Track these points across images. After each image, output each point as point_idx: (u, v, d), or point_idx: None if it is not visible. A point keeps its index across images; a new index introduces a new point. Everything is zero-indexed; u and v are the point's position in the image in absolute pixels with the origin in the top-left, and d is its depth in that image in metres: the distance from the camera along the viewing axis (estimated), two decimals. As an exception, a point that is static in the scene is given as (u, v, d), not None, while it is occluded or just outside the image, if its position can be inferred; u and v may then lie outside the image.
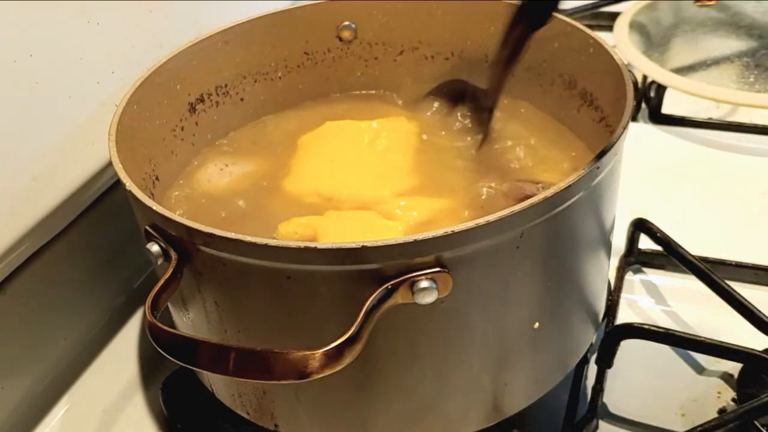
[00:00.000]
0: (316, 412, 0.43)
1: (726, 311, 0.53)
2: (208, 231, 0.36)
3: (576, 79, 0.54)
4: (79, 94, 0.52)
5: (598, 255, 0.45)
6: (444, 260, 0.35)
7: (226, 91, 0.59)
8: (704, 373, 0.53)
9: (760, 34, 0.85)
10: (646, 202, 0.66)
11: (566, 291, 0.43)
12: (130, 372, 0.57)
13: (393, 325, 0.37)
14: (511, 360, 0.42)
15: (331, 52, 0.63)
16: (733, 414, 0.46)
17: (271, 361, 0.33)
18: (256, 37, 0.59)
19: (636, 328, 0.50)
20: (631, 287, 0.61)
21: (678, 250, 0.57)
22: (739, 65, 0.81)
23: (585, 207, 0.40)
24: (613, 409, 0.51)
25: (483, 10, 0.58)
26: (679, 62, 0.82)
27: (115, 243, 0.60)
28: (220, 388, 0.47)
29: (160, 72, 0.52)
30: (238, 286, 0.39)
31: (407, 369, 0.40)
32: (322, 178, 0.53)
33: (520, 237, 0.37)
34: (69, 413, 0.55)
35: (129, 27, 0.56)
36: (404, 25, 0.61)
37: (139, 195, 0.40)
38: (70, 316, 0.57)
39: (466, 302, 0.38)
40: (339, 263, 0.35)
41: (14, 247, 0.48)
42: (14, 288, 0.51)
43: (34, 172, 0.48)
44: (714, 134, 0.77)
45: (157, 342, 0.35)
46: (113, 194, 0.58)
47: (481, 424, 0.44)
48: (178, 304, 0.44)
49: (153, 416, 0.54)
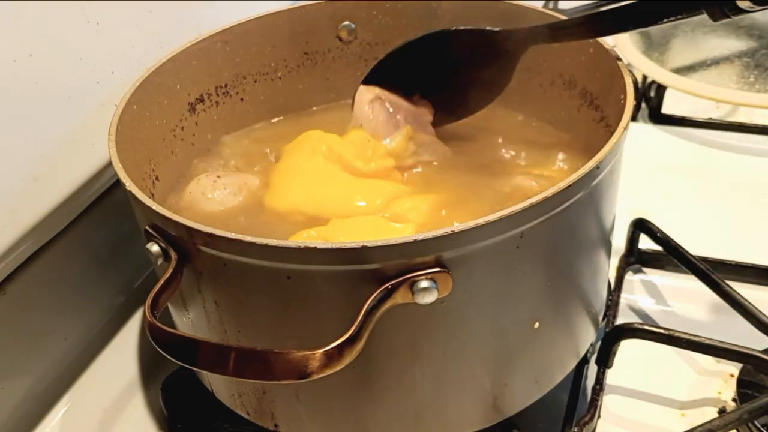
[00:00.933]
0: (316, 411, 0.43)
1: (726, 311, 0.53)
2: (208, 231, 0.36)
3: (576, 79, 0.54)
4: (79, 94, 0.52)
5: (598, 255, 0.45)
6: (444, 260, 0.35)
7: (226, 92, 0.59)
8: (704, 373, 0.53)
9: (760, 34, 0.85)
10: (646, 202, 0.67)
11: (566, 291, 0.43)
12: (131, 372, 0.57)
13: (393, 325, 0.37)
14: (511, 360, 0.42)
15: (331, 53, 0.63)
16: (733, 414, 0.46)
17: (271, 361, 0.33)
18: (256, 37, 0.59)
19: (636, 328, 0.50)
20: (631, 287, 0.61)
21: (678, 249, 0.57)
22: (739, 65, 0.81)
23: (585, 207, 0.40)
24: (613, 409, 0.51)
25: (483, 10, 0.58)
26: (679, 62, 0.82)
27: (115, 243, 0.60)
28: (220, 388, 0.47)
29: (160, 72, 0.52)
30: (238, 286, 0.39)
31: (407, 369, 0.40)
32: (303, 195, 0.50)
33: (520, 237, 0.37)
34: (69, 413, 0.55)
35: (129, 27, 0.56)
36: (404, 25, 0.61)
37: (139, 195, 0.40)
38: (70, 316, 0.57)
39: (466, 302, 0.38)
40: (339, 263, 0.35)
41: (14, 247, 0.48)
42: (14, 288, 0.51)
43: (34, 171, 0.48)
44: (714, 134, 0.77)
45: (157, 342, 0.35)
46: (113, 194, 0.58)
47: (481, 424, 0.44)
48: (178, 304, 0.44)
49: (153, 416, 0.54)
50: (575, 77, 0.54)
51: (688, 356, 0.54)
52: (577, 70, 0.54)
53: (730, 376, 0.52)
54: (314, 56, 0.62)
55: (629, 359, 0.52)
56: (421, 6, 0.60)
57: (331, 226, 0.47)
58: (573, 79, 0.54)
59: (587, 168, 0.38)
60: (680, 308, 0.58)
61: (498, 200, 0.50)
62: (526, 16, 0.55)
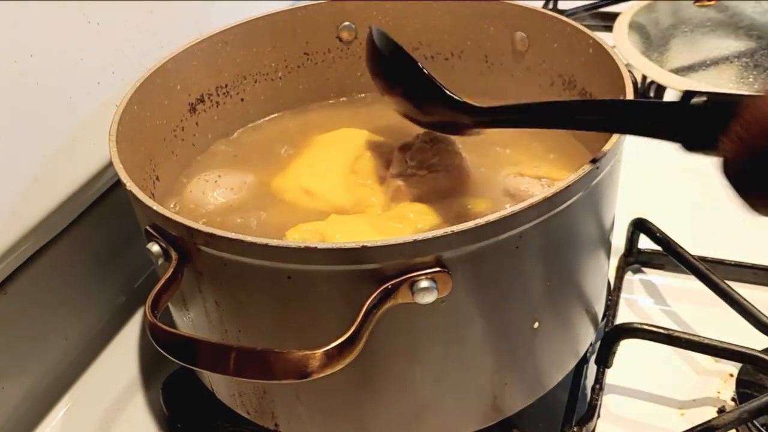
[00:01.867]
0: (317, 411, 0.43)
1: (725, 311, 0.53)
2: (208, 231, 0.36)
3: (576, 79, 0.54)
4: (79, 94, 0.52)
5: (598, 255, 0.45)
6: (444, 260, 0.35)
7: (226, 92, 0.59)
8: (704, 373, 0.53)
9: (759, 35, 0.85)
10: (645, 202, 0.66)
11: (566, 291, 0.43)
12: (131, 372, 0.57)
13: (393, 325, 0.37)
14: (510, 360, 0.42)
15: (331, 53, 0.63)
16: (732, 414, 0.46)
17: (271, 360, 0.33)
18: (257, 37, 0.59)
19: (635, 328, 0.50)
20: (631, 287, 0.61)
21: (677, 249, 0.57)
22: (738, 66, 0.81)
23: (584, 207, 0.40)
24: (613, 409, 0.51)
25: (483, 10, 0.58)
26: (678, 62, 0.82)
27: (116, 243, 0.60)
28: (221, 388, 0.47)
29: (160, 72, 0.52)
30: (238, 286, 0.39)
31: (407, 368, 0.40)
32: (308, 175, 0.53)
33: (519, 237, 0.37)
34: (70, 413, 0.55)
35: (129, 27, 0.56)
36: (404, 25, 0.61)
37: (140, 195, 0.40)
38: (70, 316, 0.57)
39: (466, 302, 0.38)
40: (339, 263, 0.35)
41: (15, 247, 0.48)
42: (15, 288, 0.51)
43: (34, 172, 0.49)
44: (713, 134, 0.77)
45: (158, 342, 0.36)
46: (113, 194, 0.58)
47: (481, 424, 0.44)
48: (179, 304, 0.44)
49: (153, 416, 0.54)
50: (575, 77, 0.54)
51: (688, 356, 0.54)
52: (577, 70, 0.54)
53: (729, 375, 0.52)
54: (314, 56, 0.62)
55: (629, 359, 0.52)
56: (421, 6, 0.60)
57: (330, 222, 0.47)
58: (573, 79, 0.54)
59: (587, 168, 0.38)
60: (679, 308, 0.58)
61: (497, 200, 0.50)
62: (526, 17, 0.55)
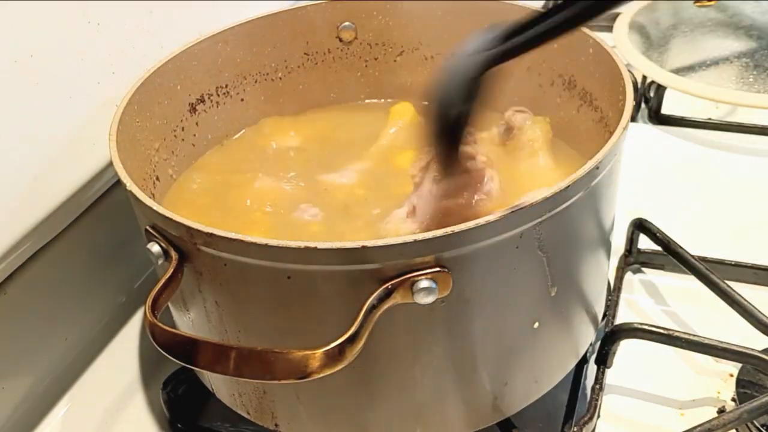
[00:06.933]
0: (317, 411, 0.43)
1: (725, 311, 0.53)
2: (208, 231, 0.36)
3: (576, 79, 0.54)
4: (79, 94, 0.52)
5: (598, 255, 0.46)
6: (444, 260, 0.35)
7: (226, 92, 0.59)
8: (704, 373, 0.53)
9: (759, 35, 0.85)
10: (645, 202, 0.66)
11: (566, 291, 0.43)
12: (131, 372, 0.57)
13: (393, 325, 0.37)
14: (510, 359, 0.42)
15: (331, 53, 0.63)
16: (732, 414, 0.46)
17: (271, 360, 0.33)
18: (257, 37, 0.59)
19: (635, 328, 0.50)
20: (631, 287, 0.61)
21: (677, 250, 0.57)
22: (739, 66, 0.81)
23: (584, 207, 0.40)
24: (613, 409, 0.51)
25: (483, 10, 0.58)
26: (678, 63, 0.82)
27: (115, 243, 0.60)
28: (221, 388, 0.47)
29: (160, 72, 0.52)
30: (238, 286, 0.39)
31: (407, 368, 0.40)
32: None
33: (519, 237, 0.37)
34: (70, 413, 0.55)
35: (129, 27, 0.56)
36: (404, 25, 0.61)
37: (140, 195, 0.40)
38: (70, 316, 0.57)
39: (466, 302, 0.38)
40: (339, 263, 0.35)
41: (15, 247, 0.48)
42: (15, 288, 0.51)
43: (34, 172, 0.49)
44: (714, 134, 0.77)
45: (158, 342, 0.36)
46: (113, 194, 0.58)
47: (481, 424, 0.44)
48: (179, 304, 0.44)
49: (153, 416, 0.54)
50: (575, 78, 0.54)
51: (688, 356, 0.54)
52: (577, 70, 0.54)
53: (729, 375, 0.52)
54: (314, 57, 0.62)
55: (629, 359, 0.52)
56: (421, 6, 0.60)
57: None
58: (573, 79, 0.55)
59: (587, 168, 0.38)
60: (679, 308, 0.58)
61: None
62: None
